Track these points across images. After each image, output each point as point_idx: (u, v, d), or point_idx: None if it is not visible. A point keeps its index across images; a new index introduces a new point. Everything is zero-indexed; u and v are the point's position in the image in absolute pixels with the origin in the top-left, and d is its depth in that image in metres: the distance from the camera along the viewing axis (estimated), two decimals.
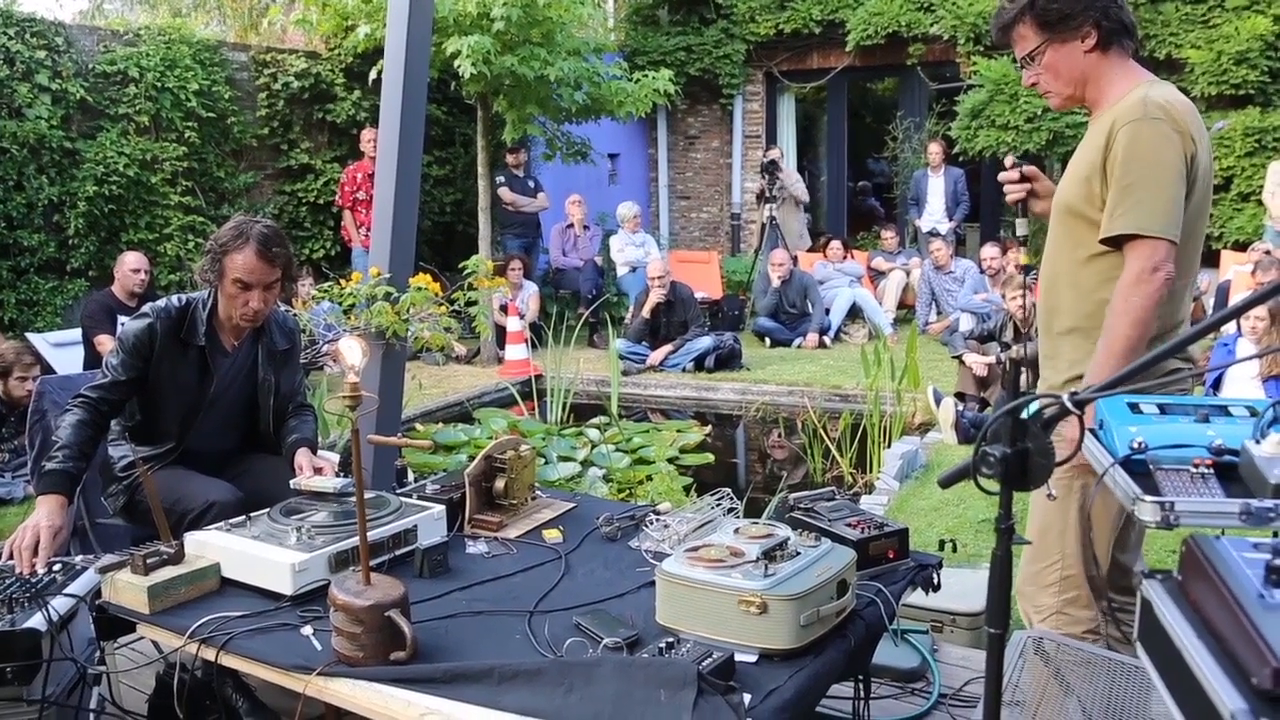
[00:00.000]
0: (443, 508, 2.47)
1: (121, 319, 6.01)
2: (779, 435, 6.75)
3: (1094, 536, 2.24)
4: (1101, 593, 2.29)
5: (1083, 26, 2.16)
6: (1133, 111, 2.09)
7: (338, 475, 2.64)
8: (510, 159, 9.41)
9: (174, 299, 2.84)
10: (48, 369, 5.56)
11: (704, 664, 1.67)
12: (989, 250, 8.73)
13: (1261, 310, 5.28)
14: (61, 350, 6.31)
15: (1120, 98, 2.16)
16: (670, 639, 1.80)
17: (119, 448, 2.87)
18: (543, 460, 5.72)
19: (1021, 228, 2.45)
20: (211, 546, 2.24)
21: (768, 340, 9.01)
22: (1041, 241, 2.43)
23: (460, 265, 4.58)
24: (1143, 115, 2.08)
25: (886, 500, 4.74)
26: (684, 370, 7.96)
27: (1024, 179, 2.39)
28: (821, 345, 8.85)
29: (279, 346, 2.98)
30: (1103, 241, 2.13)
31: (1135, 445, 1.56)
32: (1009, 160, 2.43)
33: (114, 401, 2.76)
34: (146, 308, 2.82)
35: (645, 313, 8.19)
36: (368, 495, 2.23)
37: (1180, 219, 2.08)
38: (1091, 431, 1.73)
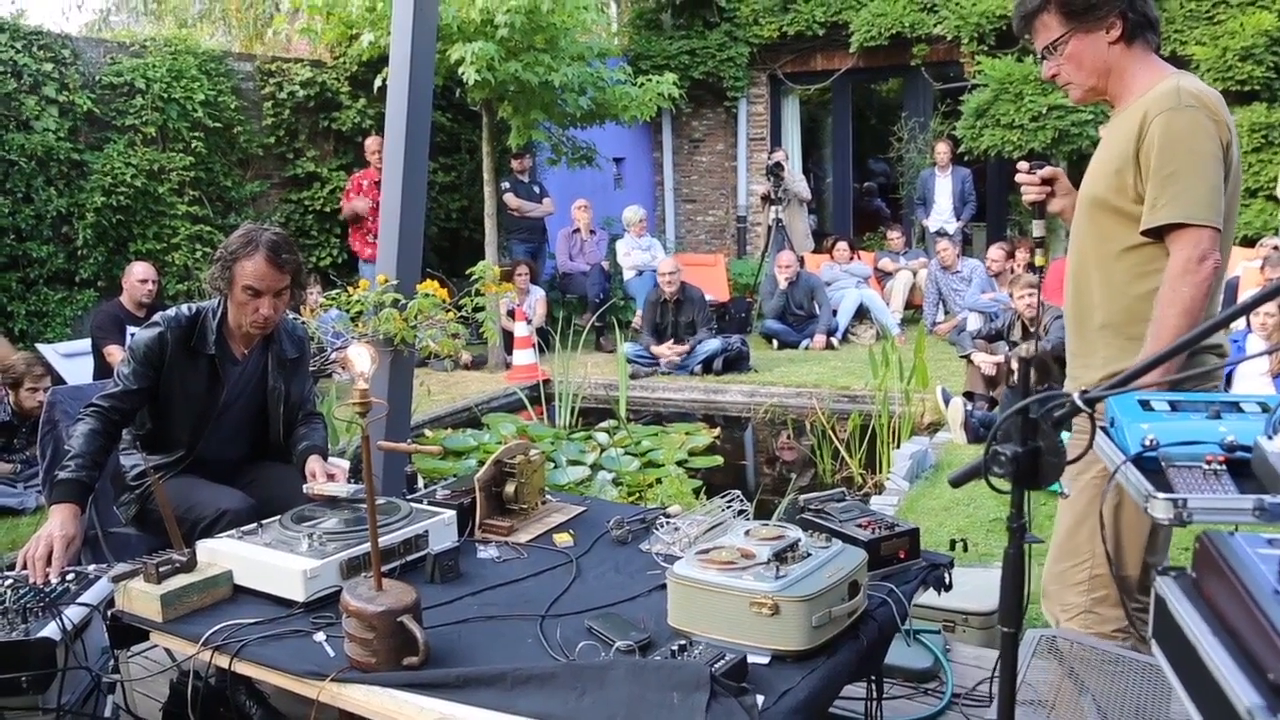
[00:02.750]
0: (453, 513, 2.47)
1: (130, 329, 6.03)
2: (788, 437, 6.74)
3: (1125, 538, 2.21)
4: (1132, 593, 2.27)
5: (1108, 17, 2.15)
6: (1167, 100, 2.07)
7: (349, 481, 2.64)
8: (515, 164, 9.42)
9: (184, 308, 2.85)
10: (58, 379, 5.58)
11: (717, 666, 1.67)
12: (994, 253, 8.72)
13: (1271, 306, 5.26)
14: (71, 361, 6.33)
15: (1145, 90, 2.14)
16: (682, 641, 1.80)
17: (130, 456, 2.88)
18: (552, 464, 5.72)
19: (1038, 229, 2.42)
20: (223, 554, 2.24)
21: (775, 342, 9.01)
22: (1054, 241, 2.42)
23: (467, 271, 4.60)
24: (1178, 104, 2.06)
25: (897, 500, 4.73)
26: (692, 373, 7.96)
27: (1043, 181, 2.37)
28: (829, 346, 8.85)
29: (288, 355, 2.99)
30: (1145, 233, 2.10)
31: (1147, 442, 1.55)
32: (1023, 165, 2.40)
33: (125, 410, 2.77)
34: (157, 317, 2.83)
35: (667, 296, 8.17)
36: (378, 501, 2.24)
37: (1222, 206, 2.06)
38: (1104, 429, 1.72)
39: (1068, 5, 2.18)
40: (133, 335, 2.90)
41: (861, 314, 9.32)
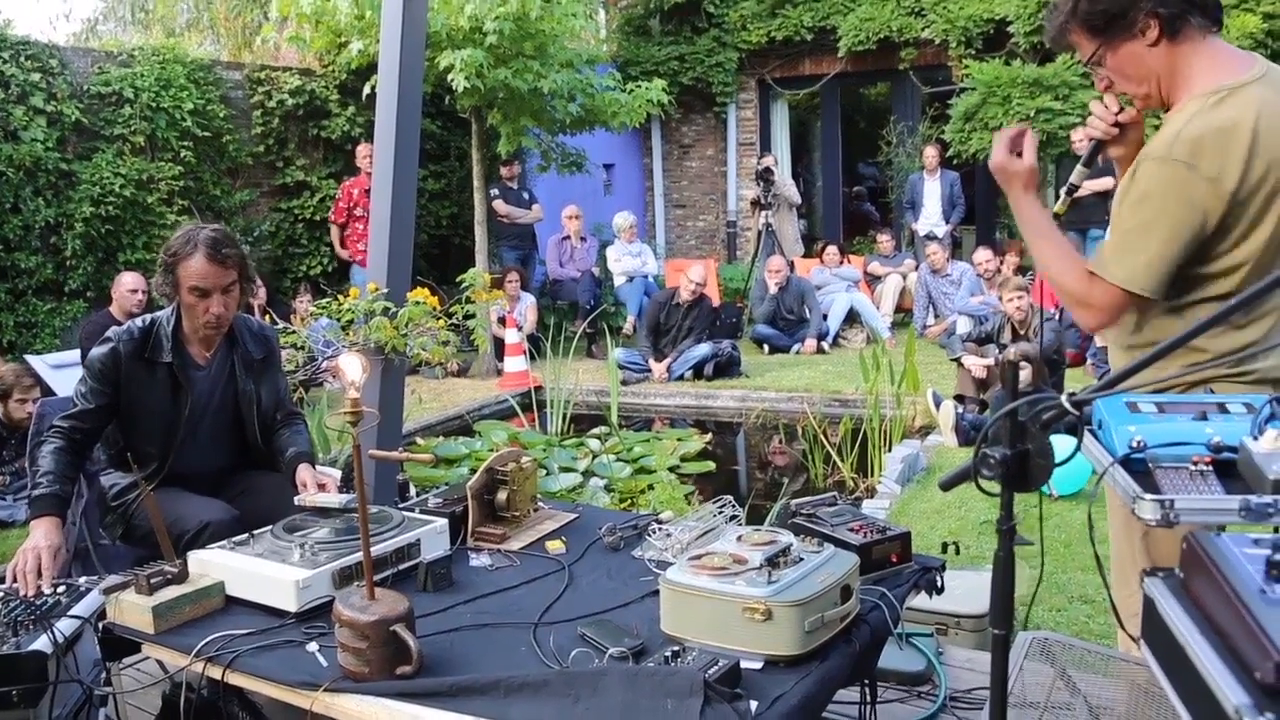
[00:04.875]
0: (445, 521, 2.47)
1: None
2: (779, 441, 6.75)
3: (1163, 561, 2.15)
4: None
5: (1138, 21, 1.92)
6: (1159, 148, 1.88)
7: (341, 491, 2.64)
8: (505, 171, 9.43)
9: (137, 320, 2.84)
10: (47, 391, 5.56)
11: (710, 672, 1.67)
12: (982, 255, 8.76)
13: None
14: (60, 372, 6.29)
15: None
16: (675, 647, 1.81)
17: (109, 476, 2.86)
18: (544, 471, 5.72)
19: (1076, 176, 2.20)
20: (215, 565, 2.24)
21: (766, 347, 9.02)
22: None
23: (457, 278, 4.59)
24: (1166, 154, 1.86)
25: (888, 504, 4.74)
26: (683, 378, 7.96)
27: (1119, 125, 2.10)
28: (820, 350, 8.87)
29: (255, 355, 2.95)
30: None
31: (1134, 444, 1.56)
32: (1111, 101, 2.10)
33: (87, 430, 2.75)
34: (110, 332, 2.80)
35: (684, 296, 8.12)
36: (370, 510, 2.23)
37: (1164, 275, 1.89)
38: (1091, 431, 1.73)
39: (1088, 21, 1.98)
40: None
41: (852, 318, 9.35)
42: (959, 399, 6.28)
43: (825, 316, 9.14)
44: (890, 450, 5.64)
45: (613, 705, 1.64)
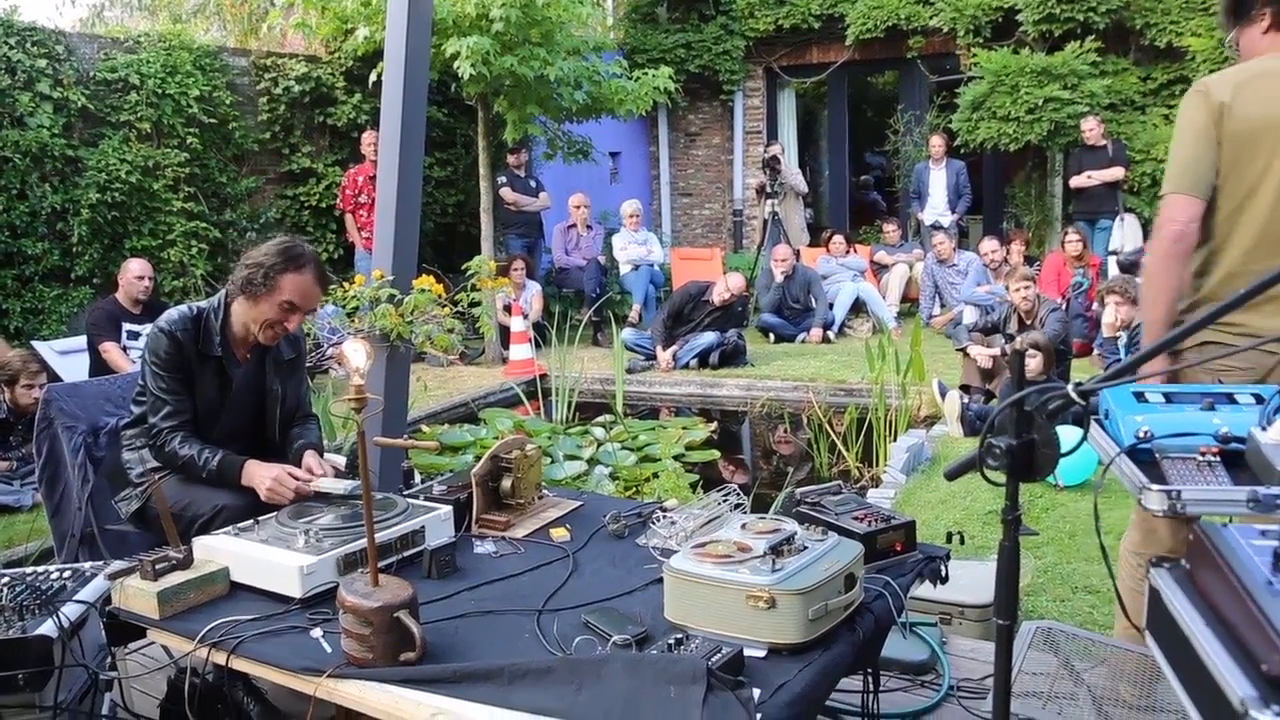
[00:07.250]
0: (450, 508, 2.47)
1: (126, 326, 6.01)
2: (784, 430, 6.74)
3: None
4: None
5: (1255, 8, 2.29)
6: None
7: (346, 477, 2.64)
8: (511, 159, 9.41)
9: (184, 309, 2.82)
10: (54, 377, 5.57)
11: (713, 659, 1.67)
12: (989, 244, 8.73)
13: None
14: (67, 358, 6.32)
15: None
16: (679, 635, 1.81)
17: (135, 453, 2.87)
18: (549, 459, 5.72)
19: None
20: (220, 551, 2.24)
21: (772, 336, 9.01)
22: None
23: (463, 266, 4.59)
24: (1190, 90, 2.26)
25: (893, 493, 4.73)
26: (688, 366, 7.96)
27: None
28: (825, 340, 8.85)
29: (285, 356, 2.97)
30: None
31: (1141, 434, 1.56)
32: None
33: (191, 419, 2.77)
34: (160, 322, 2.77)
35: (715, 298, 8.12)
36: (375, 497, 2.24)
37: (1198, 176, 2.20)
38: (1098, 421, 1.73)
39: (1228, 5, 2.36)
40: (148, 350, 2.82)
41: (858, 307, 9.33)
42: (964, 389, 6.26)
43: (831, 306, 9.12)
44: (895, 440, 5.63)
45: (615, 693, 1.64)
